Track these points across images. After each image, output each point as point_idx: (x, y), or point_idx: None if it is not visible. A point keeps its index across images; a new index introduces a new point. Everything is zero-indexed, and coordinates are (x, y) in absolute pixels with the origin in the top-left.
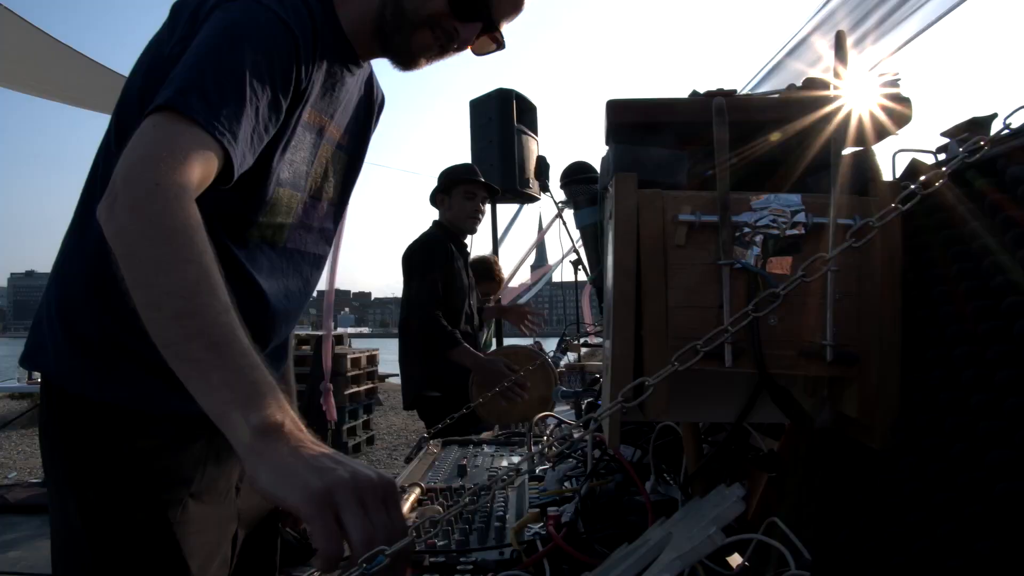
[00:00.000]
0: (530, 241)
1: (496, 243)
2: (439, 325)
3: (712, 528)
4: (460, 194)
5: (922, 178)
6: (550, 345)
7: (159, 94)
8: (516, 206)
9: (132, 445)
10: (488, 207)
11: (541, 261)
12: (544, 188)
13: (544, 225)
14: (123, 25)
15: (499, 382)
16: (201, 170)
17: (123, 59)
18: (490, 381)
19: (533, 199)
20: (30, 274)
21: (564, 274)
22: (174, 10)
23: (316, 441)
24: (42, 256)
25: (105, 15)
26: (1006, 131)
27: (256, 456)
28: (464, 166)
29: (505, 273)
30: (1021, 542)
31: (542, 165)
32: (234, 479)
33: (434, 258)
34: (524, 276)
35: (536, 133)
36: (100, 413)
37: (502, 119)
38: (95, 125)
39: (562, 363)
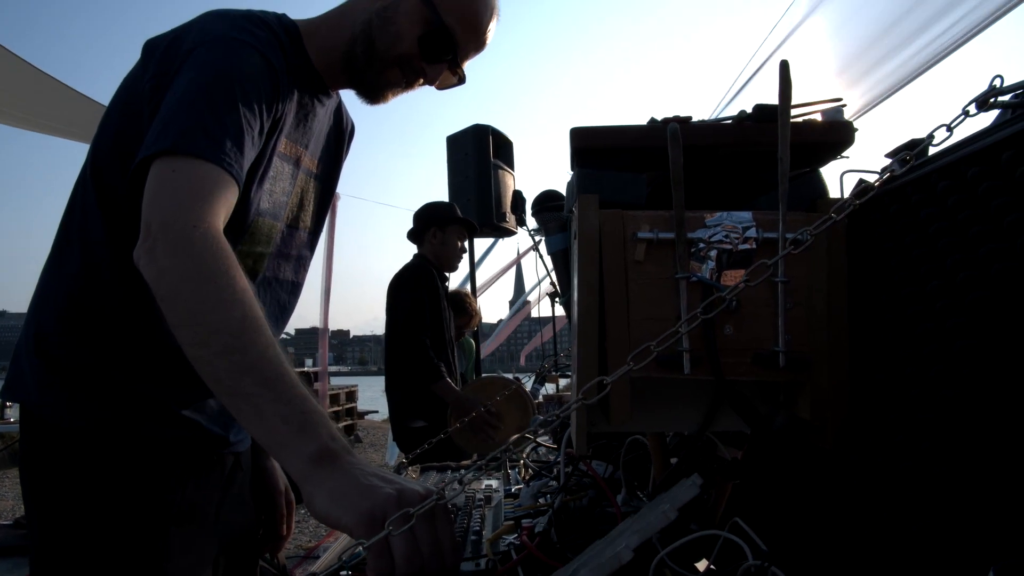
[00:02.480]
0: (506, 275)
1: (473, 276)
2: (427, 355)
3: (666, 505)
4: (455, 233)
5: (855, 189)
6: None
7: (161, 136)
8: (491, 240)
9: (111, 471)
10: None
11: (519, 291)
12: (521, 222)
13: (520, 252)
14: (104, 54)
15: (467, 415)
16: (226, 207)
17: (103, 88)
18: (461, 416)
19: (510, 233)
20: (1, 314)
21: (542, 310)
22: (146, 49)
23: (367, 463)
24: (14, 295)
25: (78, 40)
26: (931, 145)
27: (312, 484)
28: (451, 205)
29: (477, 304)
30: (950, 522)
31: (518, 199)
32: (213, 504)
33: (422, 287)
34: (501, 310)
35: (512, 168)
36: (79, 440)
37: (479, 154)
38: (73, 158)
39: (540, 394)
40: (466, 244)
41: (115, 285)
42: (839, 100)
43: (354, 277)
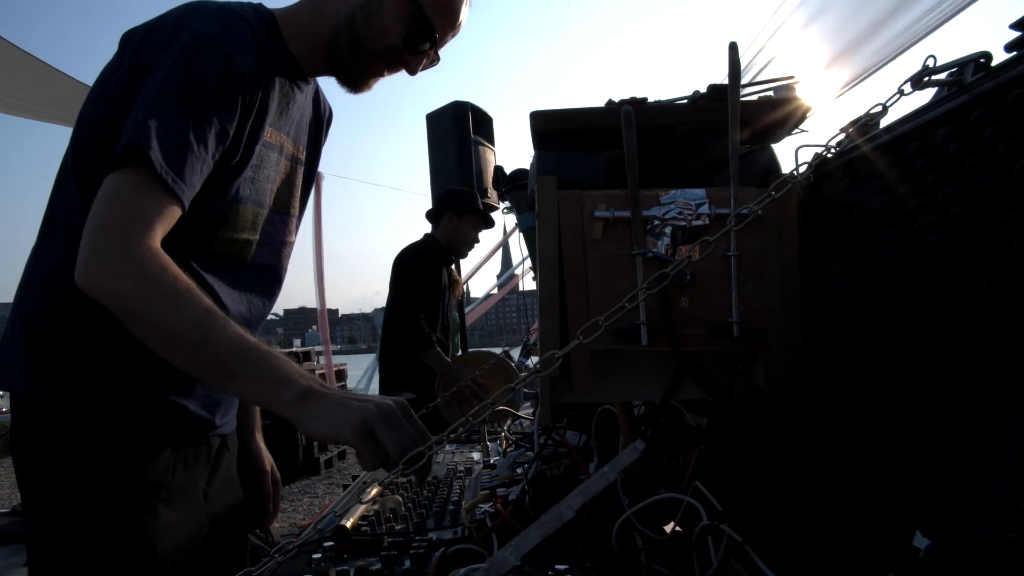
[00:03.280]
0: (490, 249)
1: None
2: (418, 326)
3: (607, 467)
4: (471, 222)
5: (800, 165)
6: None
7: (124, 142)
8: None
9: (101, 455)
10: None
11: (507, 265)
12: (503, 197)
13: (508, 230)
14: (92, 36)
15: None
16: (163, 224)
17: (88, 69)
18: (449, 385)
19: (492, 208)
20: None
21: (528, 283)
22: (123, 41)
23: (339, 390)
24: (1, 285)
25: (74, 25)
26: (869, 122)
27: (306, 416)
28: (473, 195)
29: (464, 272)
30: (884, 479)
31: (500, 175)
32: (201, 484)
33: (425, 265)
34: (489, 284)
35: (493, 144)
36: (67, 426)
37: (458, 131)
38: (59, 144)
39: (526, 367)
40: (479, 235)
41: None
42: (791, 77)
43: (341, 256)
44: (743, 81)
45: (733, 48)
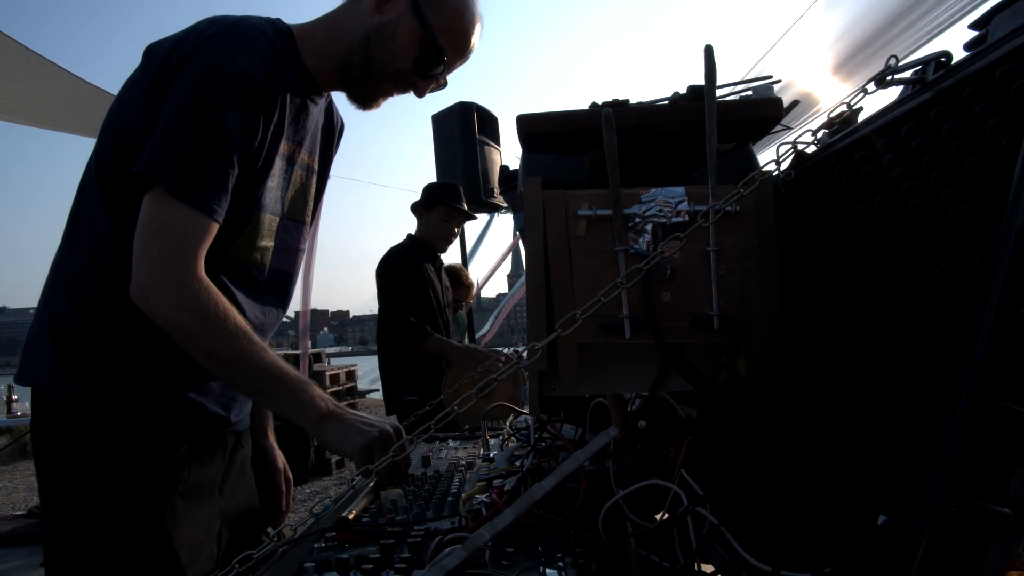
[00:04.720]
0: (503, 249)
1: (464, 254)
2: (408, 323)
3: (579, 451)
4: (438, 214)
5: (769, 163)
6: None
7: (158, 163)
8: (486, 216)
9: (122, 448)
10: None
11: (518, 269)
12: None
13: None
14: (106, 41)
15: (475, 365)
16: (206, 246)
17: (107, 75)
18: (467, 365)
19: (499, 208)
20: (2, 311)
21: None
22: (146, 55)
23: (352, 411)
24: (14, 292)
25: (85, 28)
26: (845, 115)
27: (324, 433)
28: (450, 186)
29: (477, 278)
30: (854, 460)
31: (506, 174)
32: (216, 480)
33: (403, 267)
34: (501, 285)
35: (499, 143)
36: (91, 420)
37: (464, 132)
38: (68, 151)
39: None
40: (455, 228)
41: (121, 277)
42: (770, 77)
43: (352, 257)
44: (728, 80)
45: (709, 51)
